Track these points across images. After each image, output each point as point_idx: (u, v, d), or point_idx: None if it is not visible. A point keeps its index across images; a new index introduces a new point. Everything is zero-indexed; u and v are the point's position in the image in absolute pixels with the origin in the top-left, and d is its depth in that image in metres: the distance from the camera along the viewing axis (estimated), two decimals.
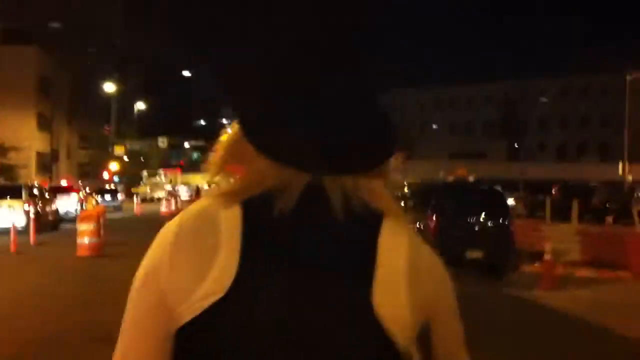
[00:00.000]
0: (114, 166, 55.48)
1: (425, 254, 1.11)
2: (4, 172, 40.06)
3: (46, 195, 28.95)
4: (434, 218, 13.95)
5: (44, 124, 51.76)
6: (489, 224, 14.07)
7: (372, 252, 1.03)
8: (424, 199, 15.26)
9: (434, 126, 77.49)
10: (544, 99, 72.89)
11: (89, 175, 57.97)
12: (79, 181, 46.81)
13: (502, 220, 14.12)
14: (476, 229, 13.92)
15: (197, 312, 0.99)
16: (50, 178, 43.87)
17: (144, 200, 54.20)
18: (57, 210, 29.78)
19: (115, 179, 56.34)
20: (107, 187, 48.00)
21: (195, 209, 1.07)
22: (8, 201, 25.25)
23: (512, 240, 14.00)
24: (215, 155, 1.13)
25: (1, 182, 29.28)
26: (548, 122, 75.74)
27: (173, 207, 37.61)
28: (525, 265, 14.87)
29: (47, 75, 52.04)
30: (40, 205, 26.83)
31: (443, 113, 79.13)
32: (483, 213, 14.07)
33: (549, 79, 75.38)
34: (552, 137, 75.91)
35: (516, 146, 67.41)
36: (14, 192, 25.95)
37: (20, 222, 23.85)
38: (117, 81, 53.59)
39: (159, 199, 51.87)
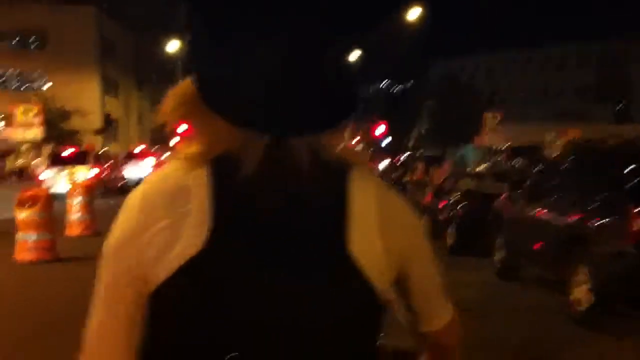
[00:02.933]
0: (182, 129, 54.59)
1: (395, 200, 1.17)
2: (68, 137, 39.36)
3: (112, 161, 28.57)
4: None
5: (110, 87, 51.15)
6: None
7: (343, 202, 1.09)
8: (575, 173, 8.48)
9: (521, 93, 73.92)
10: None
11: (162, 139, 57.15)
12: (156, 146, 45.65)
13: None
14: None
15: (174, 269, 1.03)
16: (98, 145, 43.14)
17: None
18: (124, 177, 29.22)
19: None
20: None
21: (160, 173, 1.12)
22: (73, 167, 24.88)
23: None
24: (166, 104, 1.14)
25: (64, 148, 28.45)
26: None
27: None
28: None
29: (110, 37, 51.22)
30: (107, 171, 26.32)
31: (532, 76, 75.40)
32: None
33: None
34: None
35: (620, 108, 63.16)
36: (79, 158, 25.31)
37: None
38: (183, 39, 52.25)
39: None
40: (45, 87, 46.27)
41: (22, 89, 46.84)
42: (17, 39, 48.48)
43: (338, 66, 1.11)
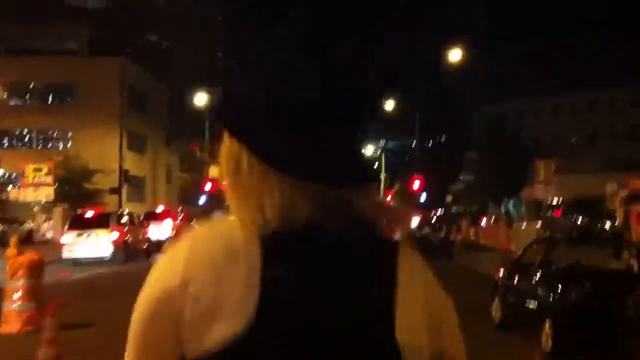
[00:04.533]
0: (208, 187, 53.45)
1: (439, 289, 1.17)
2: (89, 197, 38.34)
3: (136, 222, 27.52)
4: None
5: (137, 143, 50.31)
6: None
7: (392, 283, 1.07)
8: None
9: (572, 139, 71.77)
10: None
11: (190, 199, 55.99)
12: (180, 207, 44.39)
13: None
14: None
15: (212, 348, 1.00)
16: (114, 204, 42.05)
17: None
18: (149, 239, 28.03)
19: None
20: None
21: (210, 231, 1.09)
22: (94, 230, 24.22)
23: None
24: (222, 161, 1.13)
25: (85, 210, 27.47)
26: None
27: None
28: None
29: (140, 89, 50.61)
30: (130, 234, 25.26)
31: (579, 119, 73.42)
32: None
33: None
34: None
35: None
36: (100, 221, 24.64)
37: (107, 252, 22.85)
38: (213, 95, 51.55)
39: None
40: (69, 145, 45.72)
41: (47, 147, 46.40)
42: (41, 94, 48.23)
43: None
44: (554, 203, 29.65)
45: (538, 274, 9.37)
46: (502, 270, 11.11)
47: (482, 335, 9.48)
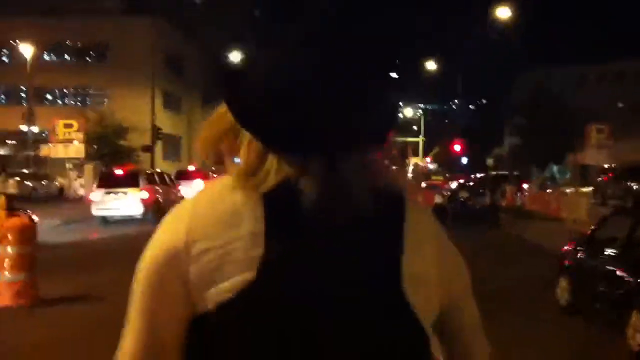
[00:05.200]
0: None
1: (449, 244, 1.20)
2: (124, 155, 37.48)
3: (168, 181, 26.59)
4: None
5: (172, 104, 49.41)
6: None
7: (399, 235, 1.10)
8: None
9: (619, 104, 68.94)
10: None
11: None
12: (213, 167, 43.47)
13: None
14: None
15: (226, 298, 1.02)
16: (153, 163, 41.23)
17: None
18: (182, 198, 27.03)
19: None
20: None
21: (213, 191, 1.10)
22: (123, 188, 23.41)
23: None
24: (206, 134, 1.18)
25: (115, 167, 26.59)
26: None
27: None
28: None
29: (176, 51, 49.58)
30: (161, 193, 24.31)
31: (627, 87, 70.45)
32: None
33: None
34: None
35: None
36: (129, 179, 23.93)
37: (137, 211, 21.84)
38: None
39: None
40: (105, 103, 44.97)
41: (83, 104, 45.70)
42: (76, 53, 47.46)
43: (376, 76, 1.12)
44: (609, 168, 27.85)
45: (621, 254, 7.60)
46: (569, 244, 9.29)
47: (545, 319, 8.16)
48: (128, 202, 22.97)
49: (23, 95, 44.31)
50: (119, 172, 24.79)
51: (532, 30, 69.14)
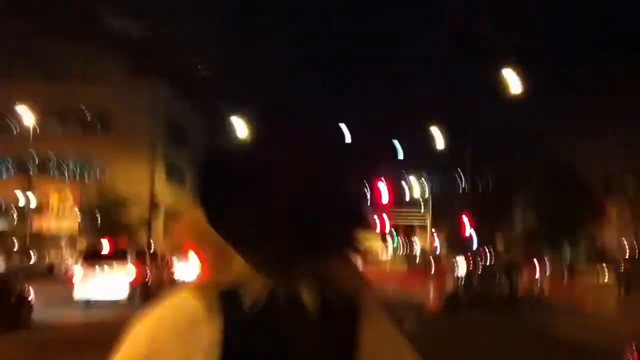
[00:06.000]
0: None
1: (405, 349, 1.20)
2: (123, 229, 35.71)
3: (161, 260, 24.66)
4: None
5: (176, 175, 47.87)
6: None
7: (351, 346, 1.11)
8: None
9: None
10: None
11: None
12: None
13: None
14: None
15: None
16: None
17: None
18: (174, 280, 25.10)
19: None
20: None
21: (170, 303, 1.13)
22: (109, 268, 21.44)
23: None
24: (179, 230, 1.21)
25: (101, 243, 24.75)
26: None
27: None
28: None
29: (180, 121, 48.41)
30: (153, 272, 22.31)
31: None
32: None
33: None
34: None
35: None
36: (116, 257, 22.05)
37: (121, 295, 19.97)
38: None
39: None
40: (103, 174, 43.49)
41: (81, 175, 44.22)
42: (78, 121, 46.18)
43: (352, 191, 1.17)
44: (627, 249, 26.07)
45: None
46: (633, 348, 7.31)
47: None
48: (112, 284, 20.85)
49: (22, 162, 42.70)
50: (105, 247, 22.95)
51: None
